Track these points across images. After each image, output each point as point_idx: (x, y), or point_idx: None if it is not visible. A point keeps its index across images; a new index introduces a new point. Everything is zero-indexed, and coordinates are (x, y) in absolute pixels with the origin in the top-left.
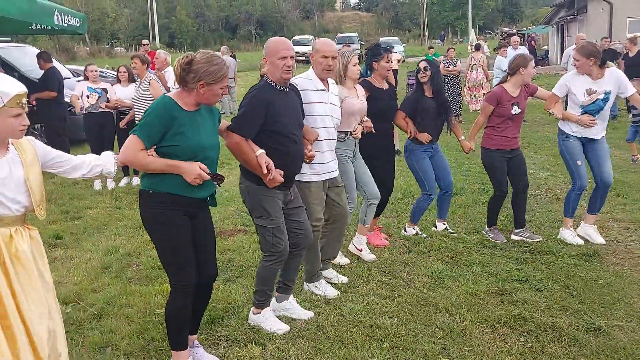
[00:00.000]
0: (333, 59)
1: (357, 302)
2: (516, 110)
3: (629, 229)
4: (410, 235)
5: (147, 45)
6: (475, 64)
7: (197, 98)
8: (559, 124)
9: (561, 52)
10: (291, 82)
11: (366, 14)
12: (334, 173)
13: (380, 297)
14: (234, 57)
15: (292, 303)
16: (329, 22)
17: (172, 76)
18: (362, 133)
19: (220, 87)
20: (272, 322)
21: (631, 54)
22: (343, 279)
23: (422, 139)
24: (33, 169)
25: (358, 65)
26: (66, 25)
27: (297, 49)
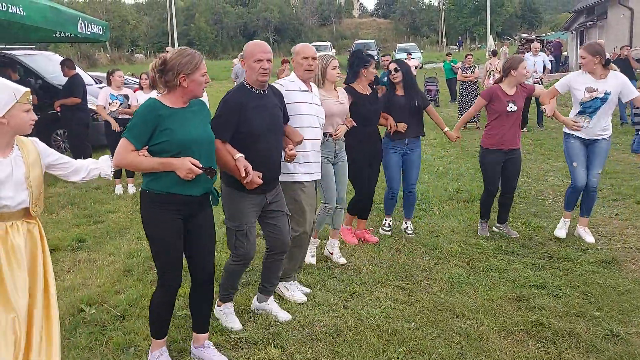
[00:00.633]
0: (313, 59)
1: (375, 307)
2: (512, 107)
3: None
4: (384, 225)
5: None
6: (493, 70)
7: (184, 93)
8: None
9: None
10: (275, 83)
11: (383, 21)
12: (318, 174)
13: (398, 301)
14: None
15: (270, 305)
16: (346, 28)
17: None
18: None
19: (200, 74)
20: (230, 319)
21: None
22: (306, 290)
23: (400, 128)
24: (34, 169)
25: (338, 69)
26: (89, 33)
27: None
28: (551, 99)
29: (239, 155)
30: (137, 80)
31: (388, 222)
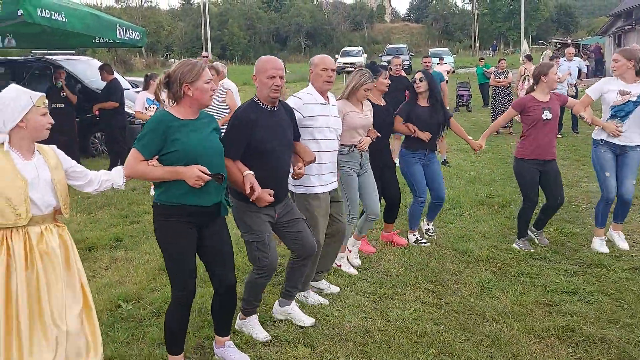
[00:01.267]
0: (332, 71)
1: (404, 309)
2: (547, 115)
3: None
4: (411, 242)
5: (207, 57)
6: (528, 75)
7: (191, 103)
8: (592, 133)
9: None
10: (293, 96)
11: (416, 25)
12: (334, 184)
13: (427, 304)
14: None
15: (293, 309)
16: (378, 33)
17: (232, 86)
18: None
19: (204, 82)
20: (256, 330)
21: None
22: (335, 289)
23: (422, 136)
24: (58, 172)
25: (369, 92)
26: (127, 38)
27: (346, 60)
28: (586, 107)
29: (247, 172)
30: None
31: (417, 236)
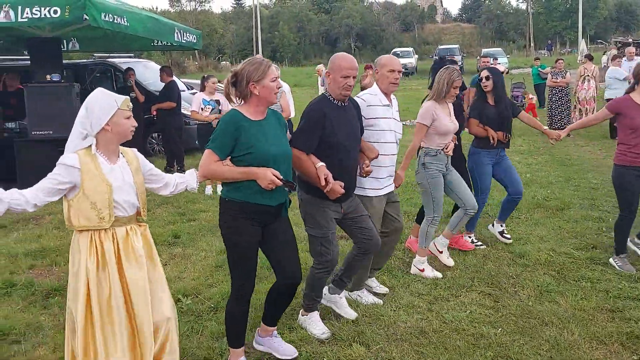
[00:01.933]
0: (399, 72)
1: (460, 311)
2: None
3: None
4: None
5: None
6: (588, 75)
7: (258, 102)
8: None
9: None
10: (357, 97)
11: (468, 25)
12: (391, 187)
13: (484, 307)
14: None
15: (342, 299)
16: (429, 34)
17: (285, 87)
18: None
19: (270, 80)
20: (317, 326)
21: None
22: (384, 289)
23: (499, 137)
24: (138, 175)
25: (458, 90)
26: (184, 41)
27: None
28: None
29: (320, 164)
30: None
31: (473, 238)
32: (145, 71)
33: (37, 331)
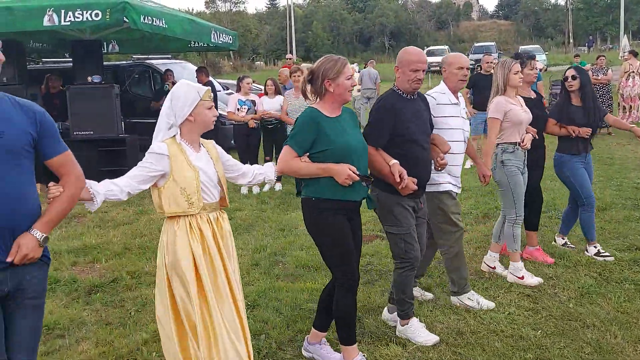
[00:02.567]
0: (467, 69)
1: (498, 312)
2: None
3: None
4: (592, 254)
5: (291, 59)
6: (633, 71)
7: (333, 99)
8: None
9: None
10: (427, 95)
11: (504, 22)
12: (459, 189)
13: (523, 308)
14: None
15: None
16: (464, 31)
17: None
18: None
19: (345, 78)
20: (422, 333)
21: None
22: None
23: (584, 133)
24: (219, 164)
25: (520, 73)
26: (221, 42)
27: (431, 59)
28: None
29: (393, 162)
30: (259, 87)
31: (599, 248)
32: (182, 72)
33: (80, 326)
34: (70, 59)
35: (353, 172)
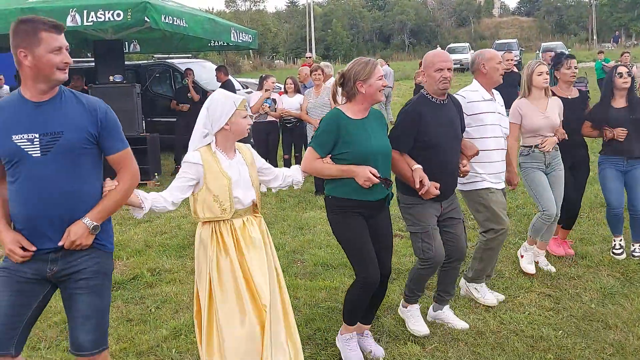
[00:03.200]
0: (500, 63)
1: (518, 312)
2: None
3: None
4: (613, 248)
5: (311, 58)
6: None
7: (364, 100)
8: None
9: None
10: (457, 95)
11: (526, 19)
12: (503, 184)
13: (543, 308)
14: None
15: (446, 313)
16: (485, 28)
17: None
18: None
19: (376, 79)
20: (415, 321)
21: None
22: (500, 297)
23: (618, 135)
24: (253, 169)
25: (544, 74)
26: (240, 41)
27: (451, 57)
28: None
29: (416, 166)
30: (279, 85)
31: (618, 243)
32: (202, 71)
33: None
34: (92, 59)
35: (373, 174)
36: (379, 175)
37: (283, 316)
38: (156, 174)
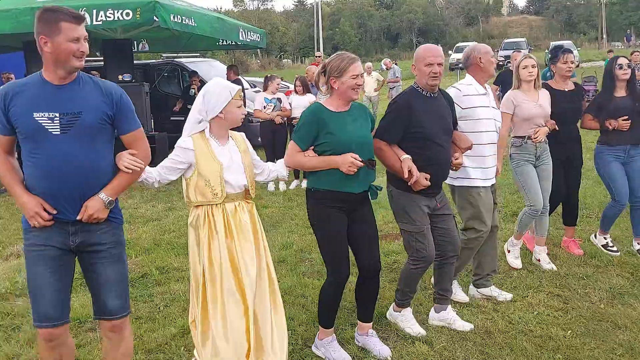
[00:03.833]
0: (493, 57)
1: (527, 312)
2: None
3: None
4: (599, 244)
5: (320, 57)
6: None
7: (338, 96)
8: None
9: None
10: (452, 87)
11: (535, 18)
12: (495, 179)
13: (552, 308)
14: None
15: (449, 313)
16: (494, 27)
17: None
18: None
19: (349, 77)
20: (410, 323)
21: None
22: (507, 296)
23: (621, 125)
24: (247, 156)
25: (530, 67)
26: (249, 40)
27: (459, 56)
28: None
29: (405, 157)
30: (287, 85)
31: (610, 240)
32: (210, 70)
33: None
34: (101, 58)
35: (355, 158)
36: (361, 159)
37: (271, 304)
38: None
